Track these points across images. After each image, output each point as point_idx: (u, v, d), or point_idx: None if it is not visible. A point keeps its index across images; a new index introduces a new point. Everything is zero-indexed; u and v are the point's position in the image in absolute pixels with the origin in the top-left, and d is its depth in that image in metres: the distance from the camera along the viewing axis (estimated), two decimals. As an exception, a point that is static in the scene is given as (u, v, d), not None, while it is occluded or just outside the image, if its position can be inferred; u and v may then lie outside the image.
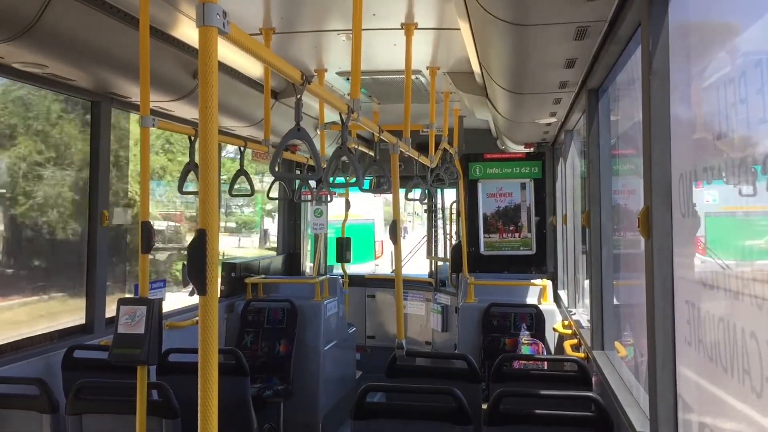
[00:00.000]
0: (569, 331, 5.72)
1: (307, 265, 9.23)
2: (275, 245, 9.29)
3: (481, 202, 8.04)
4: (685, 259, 2.28)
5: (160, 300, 3.49)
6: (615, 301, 4.24)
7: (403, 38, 4.48)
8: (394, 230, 4.37)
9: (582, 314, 5.77)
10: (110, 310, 4.81)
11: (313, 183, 6.64)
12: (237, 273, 7.16)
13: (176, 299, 7.03)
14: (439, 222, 9.30)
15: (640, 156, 2.62)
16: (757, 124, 1.61)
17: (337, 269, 9.30)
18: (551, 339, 6.41)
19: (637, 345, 3.49)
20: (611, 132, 4.26)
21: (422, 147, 5.72)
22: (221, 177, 6.76)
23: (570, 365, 4.54)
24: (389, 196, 8.14)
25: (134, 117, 6.55)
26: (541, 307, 6.57)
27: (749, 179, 1.66)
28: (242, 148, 5.09)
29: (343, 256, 8.85)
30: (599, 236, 4.31)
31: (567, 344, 5.21)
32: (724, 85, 1.81)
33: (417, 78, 5.85)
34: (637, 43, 2.87)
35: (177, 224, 14.86)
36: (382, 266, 15.24)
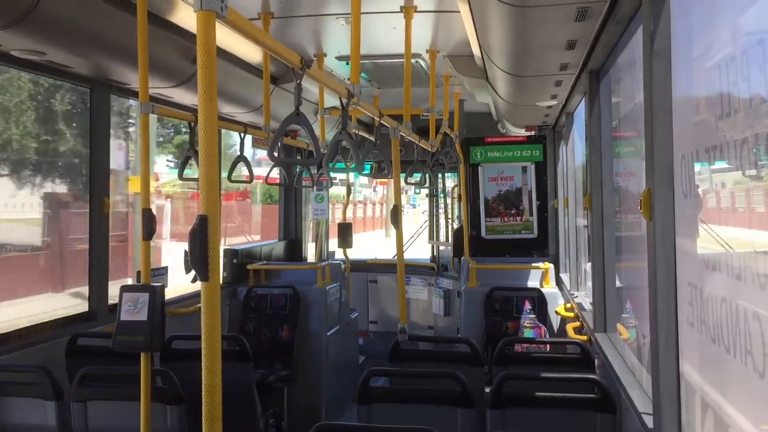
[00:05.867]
0: (571, 314, 5.73)
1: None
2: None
3: (483, 186, 8.02)
4: (687, 239, 2.28)
5: (162, 287, 3.49)
6: (618, 284, 4.25)
7: (403, 21, 4.44)
8: (396, 214, 4.36)
9: (584, 297, 5.78)
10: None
11: (313, 168, 6.64)
12: (239, 259, 7.17)
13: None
14: (440, 206, 9.30)
15: (642, 137, 2.61)
16: (759, 103, 1.59)
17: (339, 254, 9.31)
18: (554, 322, 6.43)
19: (639, 327, 3.49)
20: (612, 114, 4.24)
21: (423, 131, 5.70)
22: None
23: (572, 348, 4.56)
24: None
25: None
26: (543, 290, 6.58)
27: (752, 159, 1.65)
28: (242, 134, 5.07)
29: (345, 241, 8.85)
30: (601, 219, 4.31)
31: (569, 327, 5.22)
32: (726, 63, 1.80)
33: (417, 62, 5.82)
34: (639, 23, 2.85)
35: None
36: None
